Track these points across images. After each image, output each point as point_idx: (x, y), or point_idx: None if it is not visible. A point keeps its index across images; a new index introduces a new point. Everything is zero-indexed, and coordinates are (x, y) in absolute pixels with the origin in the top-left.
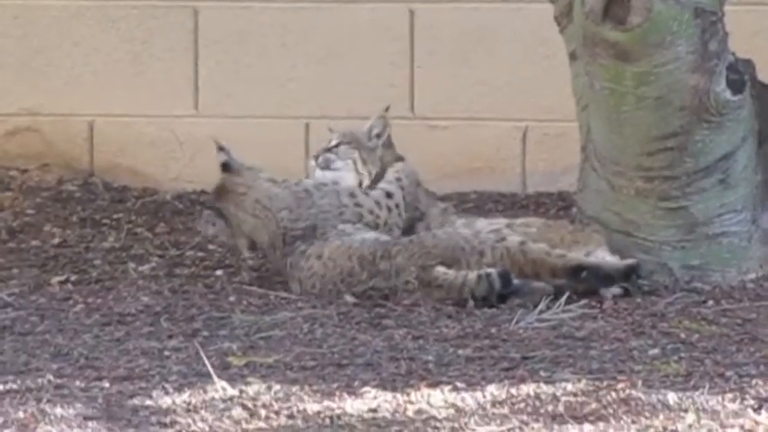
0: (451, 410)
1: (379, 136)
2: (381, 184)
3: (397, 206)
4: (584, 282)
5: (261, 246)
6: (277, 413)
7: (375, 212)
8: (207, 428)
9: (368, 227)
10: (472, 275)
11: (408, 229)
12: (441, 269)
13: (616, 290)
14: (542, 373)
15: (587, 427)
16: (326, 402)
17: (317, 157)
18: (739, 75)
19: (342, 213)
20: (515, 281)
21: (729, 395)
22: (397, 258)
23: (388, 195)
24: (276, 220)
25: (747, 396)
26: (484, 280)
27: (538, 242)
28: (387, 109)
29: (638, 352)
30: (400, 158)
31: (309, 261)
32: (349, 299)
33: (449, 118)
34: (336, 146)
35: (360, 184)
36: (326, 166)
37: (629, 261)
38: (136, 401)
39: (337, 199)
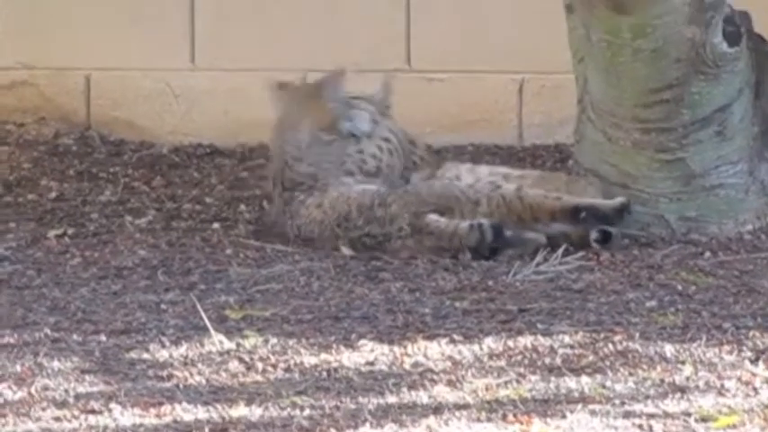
0: (448, 363)
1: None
2: (377, 132)
3: (396, 150)
4: (584, 222)
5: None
6: (274, 366)
7: (378, 156)
8: (204, 382)
9: (368, 174)
10: (464, 224)
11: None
12: (433, 216)
13: (595, 234)
14: (539, 326)
15: (584, 379)
16: (323, 355)
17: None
18: (736, 27)
19: (344, 163)
20: (507, 233)
21: (726, 347)
22: (393, 206)
23: (387, 140)
24: (282, 153)
25: (744, 348)
26: (475, 229)
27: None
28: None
29: (635, 304)
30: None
31: (309, 209)
32: (345, 251)
33: (445, 71)
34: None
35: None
36: None
37: (621, 199)
38: (133, 355)
39: (343, 149)
